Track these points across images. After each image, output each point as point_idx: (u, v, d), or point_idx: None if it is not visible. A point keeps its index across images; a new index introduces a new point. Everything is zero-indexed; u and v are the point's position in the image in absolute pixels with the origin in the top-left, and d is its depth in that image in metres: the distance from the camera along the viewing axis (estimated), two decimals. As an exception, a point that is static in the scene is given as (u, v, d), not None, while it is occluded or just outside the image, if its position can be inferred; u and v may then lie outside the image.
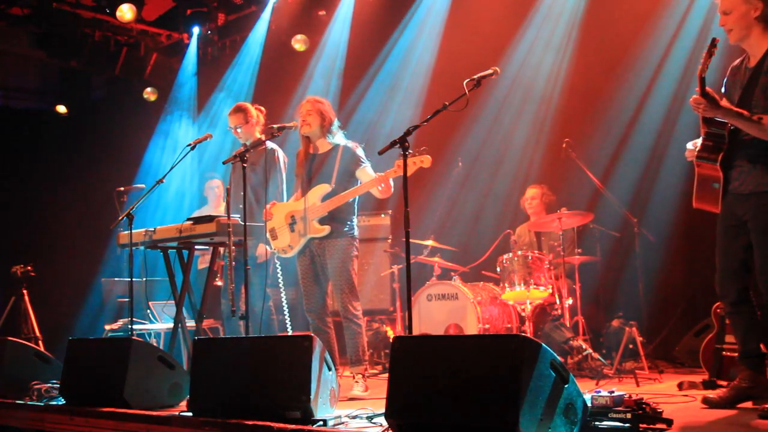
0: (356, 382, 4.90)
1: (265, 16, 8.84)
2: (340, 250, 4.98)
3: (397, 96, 8.06)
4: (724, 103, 3.56)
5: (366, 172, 5.05)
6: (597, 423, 3.08)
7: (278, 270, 5.65)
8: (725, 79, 3.85)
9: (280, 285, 5.74)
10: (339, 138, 5.17)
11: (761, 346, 3.73)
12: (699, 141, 3.80)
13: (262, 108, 5.87)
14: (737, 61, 3.80)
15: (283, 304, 5.90)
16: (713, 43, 3.52)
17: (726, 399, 3.68)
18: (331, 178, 5.04)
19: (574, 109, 6.87)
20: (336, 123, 5.20)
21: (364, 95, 8.17)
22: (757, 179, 3.56)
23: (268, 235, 5.26)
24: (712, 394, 3.75)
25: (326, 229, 4.98)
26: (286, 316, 5.92)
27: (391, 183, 4.92)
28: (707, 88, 3.54)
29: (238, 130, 5.70)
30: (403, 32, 8.07)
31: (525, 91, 7.30)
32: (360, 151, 5.13)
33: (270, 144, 5.68)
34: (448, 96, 3.91)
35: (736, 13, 3.59)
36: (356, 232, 5.11)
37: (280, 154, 5.71)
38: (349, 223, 5.06)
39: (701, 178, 3.76)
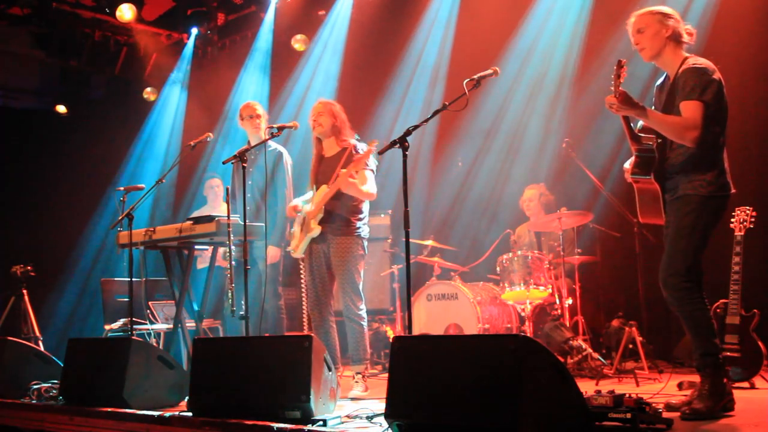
0: (356, 382, 4.90)
1: (268, 16, 8.84)
2: (343, 249, 4.99)
3: (401, 94, 8.06)
4: (639, 103, 3.65)
5: (362, 176, 5.01)
6: (597, 423, 3.08)
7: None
8: (653, 99, 3.97)
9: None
10: (351, 141, 5.16)
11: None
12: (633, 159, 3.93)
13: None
14: (660, 80, 3.93)
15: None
16: (620, 65, 3.67)
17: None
18: (330, 180, 5.05)
19: (574, 109, 6.87)
20: (348, 127, 5.20)
21: (365, 95, 8.17)
22: (682, 184, 3.68)
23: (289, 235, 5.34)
24: (674, 399, 3.75)
25: (318, 230, 5.00)
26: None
27: (356, 182, 4.90)
28: (620, 89, 3.65)
29: (247, 120, 5.70)
30: (405, 31, 8.05)
31: (525, 91, 7.30)
32: (368, 156, 5.06)
33: (277, 146, 5.70)
34: (449, 95, 3.91)
35: (650, 31, 3.76)
36: (364, 232, 5.10)
37: (287, 156, 5.72)
38: (353, 221, 5.04)
39: (640, 193, 3.86)
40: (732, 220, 4.57)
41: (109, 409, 4.22)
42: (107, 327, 6.83)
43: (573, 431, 2.93)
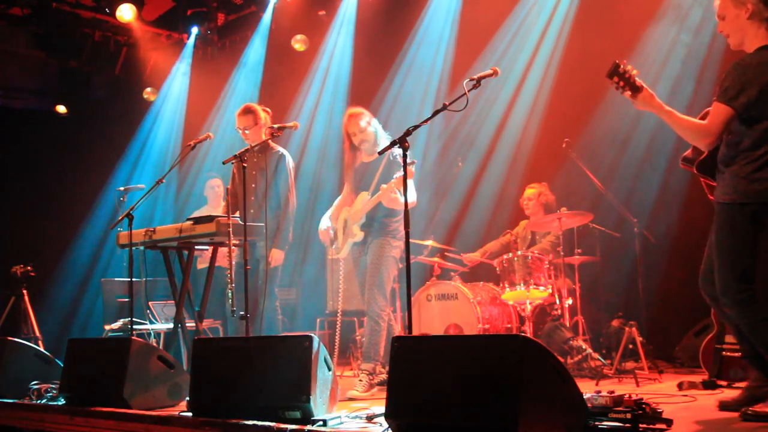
0: (359, 380, 4.90)
1: (267, 16, 8.85)
2: (375, 249, 5.10)
3: (403, 95, 8.07)
4: (658, 102, 3.47)
5: (398, 180, 5.06)
6: (597, 423, 3.08)
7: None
8: None
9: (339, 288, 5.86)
10: (385, 144, 5.17)
11: None
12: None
13: (269, 109, 5.84)
14: None
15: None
16: (616, 67, 3.40)
17: (740, 401, 3.59)
18: (370, 186, 5.15)
19: (575, 109, 6.87)
20: (382, 128, 5.28)
21: (368, 94, 8.18)
22: (720, 189, 3.50)
23: (331, 234, 5.41)
24: (728, 397, 3.68)
25: (361, 235, 5.16)
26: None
27: (398, 197, 4.95)
28: (638, 82, 3.44)
29: (246, 132, 5.67)
30: (411, 30, 8.07)
31: (526, 91, 7.31)
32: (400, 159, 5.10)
33: (280, 149, 5.71)
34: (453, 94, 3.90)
35: (729, 17, 3.49)
36: (399, 234, 5.12)
37: (289, 159, 5.72)
38: (388, 223, 5.13)
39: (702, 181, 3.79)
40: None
41: (109, 409, 4.21)
42: (107, 327, 6.83)
43: (573, 431, 2.93)
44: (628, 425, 3.03)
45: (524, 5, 7.34)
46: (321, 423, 3.44)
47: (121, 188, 7.14)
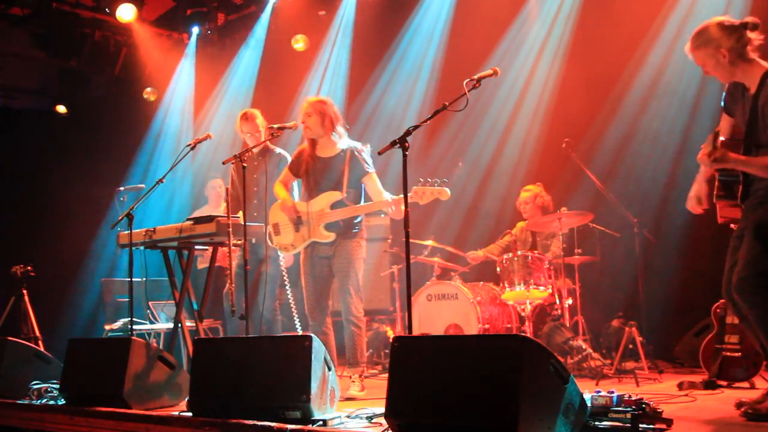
0: (353, 381, 4.91)
1: (266, 16, 8.86)
2: (347, 252, 5.02)
3: (403, 95, 8.06)
4: (733, 155, 3.46)
5: (372, 180, 5.06)
6: (597, 423, 3.08)
7: (283, 270, 5.70)
8: (724, 93, 3.72)
9: (286, 285, 5.79)
10: (344, 140, 5.15)
11: None
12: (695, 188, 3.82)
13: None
14: (735, 86, 3.66)
15: (291, 304, 5.93)
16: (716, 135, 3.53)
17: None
18: (341, 185, 5.05)
19: (574, 109, 6.87)
20: (341, 123, 5.16)
21: (368, 95, 8.18)
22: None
23: (270, 229, 5.28)
24: (745, 398, 3.59)
25: (332, 236, 5.03)
26: (295, 317, 5.94)
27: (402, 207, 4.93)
28: (719, 143, 3.52)
29: (248, 136, 5.72)
30: (406, 32, 8.08)
31: (525, 91, 7.31)
32: (366, 155, 5.10)
33: (279, 150, 5.73)
34: (451, 95, 3.90)
35: (710, 65, 3.55)
36: (365, 233, 5.15)
37: (290, 159, 5.74)
38: (355, 223, 5.09)
39: (721, 209, 3.76)
40: (733, 219, 4.56)
41: (109, 409, 4.21)
42: (107, 327, 6.84)
43: (573, 431, 2.93)
44: (628, 425, 3.03)
45: (527, 5, 7.33)
46: (321, 423, 3.44)
47: (122, 188, 7.15)
